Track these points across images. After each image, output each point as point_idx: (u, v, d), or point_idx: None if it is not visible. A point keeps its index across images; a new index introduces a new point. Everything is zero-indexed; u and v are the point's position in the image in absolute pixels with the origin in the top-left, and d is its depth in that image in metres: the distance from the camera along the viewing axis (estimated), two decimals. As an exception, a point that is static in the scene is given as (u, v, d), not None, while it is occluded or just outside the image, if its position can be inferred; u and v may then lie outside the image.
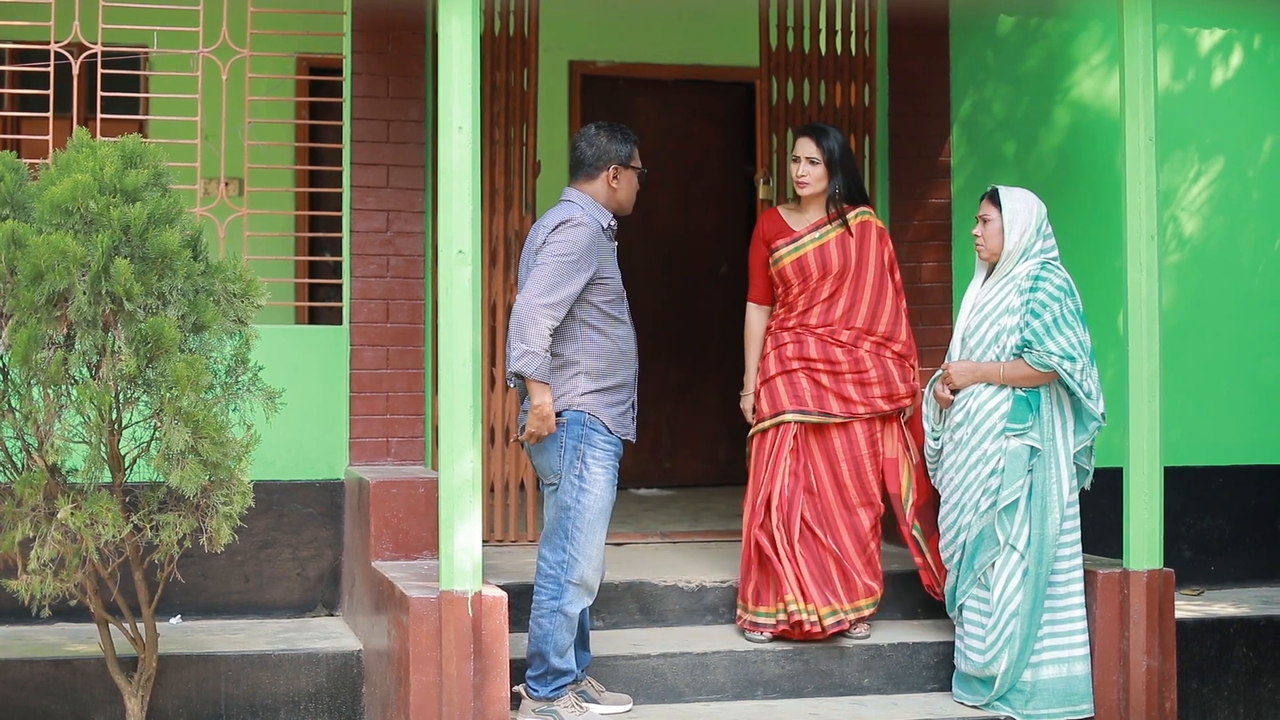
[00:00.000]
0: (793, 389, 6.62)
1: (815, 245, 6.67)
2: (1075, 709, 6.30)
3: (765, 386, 6.70)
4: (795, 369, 6.63)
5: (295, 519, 7.25)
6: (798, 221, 6.75)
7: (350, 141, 7.32)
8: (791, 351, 6.65)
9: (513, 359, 5.82)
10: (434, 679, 5.70)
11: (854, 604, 6.57)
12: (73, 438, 5.35)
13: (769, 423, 6.65)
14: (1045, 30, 8.47)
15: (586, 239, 5.91)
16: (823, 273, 6.65)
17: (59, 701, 6.30)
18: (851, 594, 6.58)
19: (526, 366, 5.79)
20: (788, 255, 6.69)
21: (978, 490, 6.29)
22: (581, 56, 9.56)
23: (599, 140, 6.13)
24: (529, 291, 5.84)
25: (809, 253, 6.66)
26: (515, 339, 5.82)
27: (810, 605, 6.47)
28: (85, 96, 7.14)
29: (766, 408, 6.67)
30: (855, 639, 6.60)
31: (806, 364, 6.62)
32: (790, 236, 6.71)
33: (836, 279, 6.66)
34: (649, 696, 6.32)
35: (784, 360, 6.66)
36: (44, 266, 5.17)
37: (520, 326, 5.81)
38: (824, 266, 6.65)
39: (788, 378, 6.64)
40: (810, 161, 6.66)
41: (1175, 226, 8.59)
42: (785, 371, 6.65)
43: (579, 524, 5.95)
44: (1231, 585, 8.46)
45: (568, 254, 5.86)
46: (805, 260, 6.66)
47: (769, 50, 8.11)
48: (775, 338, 6.74)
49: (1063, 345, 6.22)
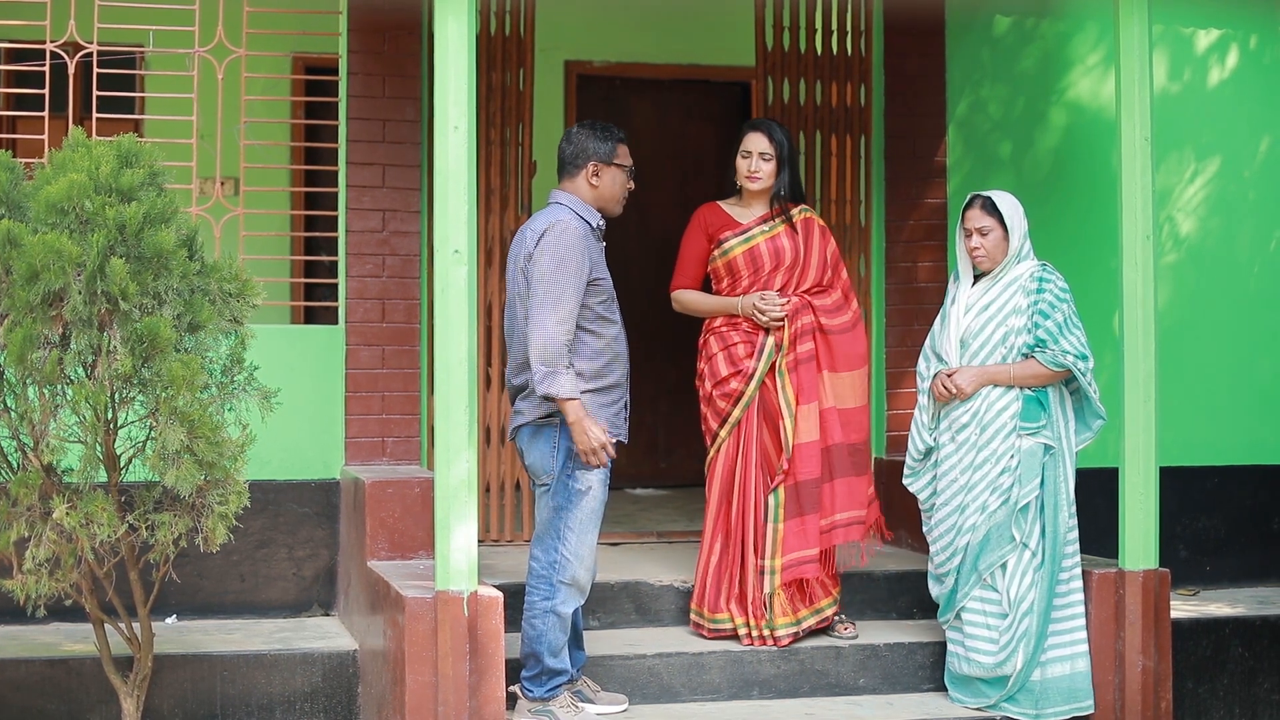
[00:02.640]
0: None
1: (766, 237, 6.62)
2: (1079, 705, 6.31)
3: (718, 388, 6.63)
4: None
5: (291, 519, 7.25)
6: (743, 215, 6.69)
7: (346, 141, 7.32)
8: (743, 352, 6.58)
9: (539, 383, 5.79)
10: (430, 679, 5.70)
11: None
12: (68, 437, 5.34)
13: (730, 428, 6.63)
14: (1041, 30, 8.47)
15: (576, 241, 5.89)
16: (775, 263, 6.59)
17: (54, 701, 6.30)
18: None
19: (555, 388, 5.78)
20: (738, 246, 6.62)
21: (986, 491, 6.29)
22: (577, 56, 9.55)
23: (578, 138, 6.12)
24: (539, 315, 5.81)
25: (760, 244, 6.61)
26: (537, 363, 5.79)
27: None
28: (81, 96, 7.14)
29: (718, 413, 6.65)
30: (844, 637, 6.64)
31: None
32: (738, 229, 6.65)
33: (788, 270, 6.61)
34: (644, 696, 6.33)
35: (735, 361, 6.59)
36: (39, 266, 5.16)
37: (541, 349, 5.79)
38: (777, 257, 6.59)
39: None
40: (763, 157, 6.60)
41: (1171, 227, 8.60)
42: (738, 372, 6.58)
43: (571, 524, 5.94)
44: (1227, 585, 8.47)
45: (562, 262, 5.85)
46: (757, 251, 6.60)
47: (765, 50, 8.12)
48: (722, 337, 6.64)
49: (1075, 345, 6.25)
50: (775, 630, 6.49)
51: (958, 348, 6.43)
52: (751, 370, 6.54)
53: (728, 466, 6.60)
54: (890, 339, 8.11)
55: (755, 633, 6.50)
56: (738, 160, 6.67)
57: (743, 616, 6.51)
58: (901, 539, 7.76)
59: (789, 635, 6.49)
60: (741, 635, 6.52)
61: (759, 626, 6.49)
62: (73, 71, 7.04)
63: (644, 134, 9.58)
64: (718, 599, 6.56)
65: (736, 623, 6.53)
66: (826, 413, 6.56)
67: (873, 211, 8.21)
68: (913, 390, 7.93)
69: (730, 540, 6.56)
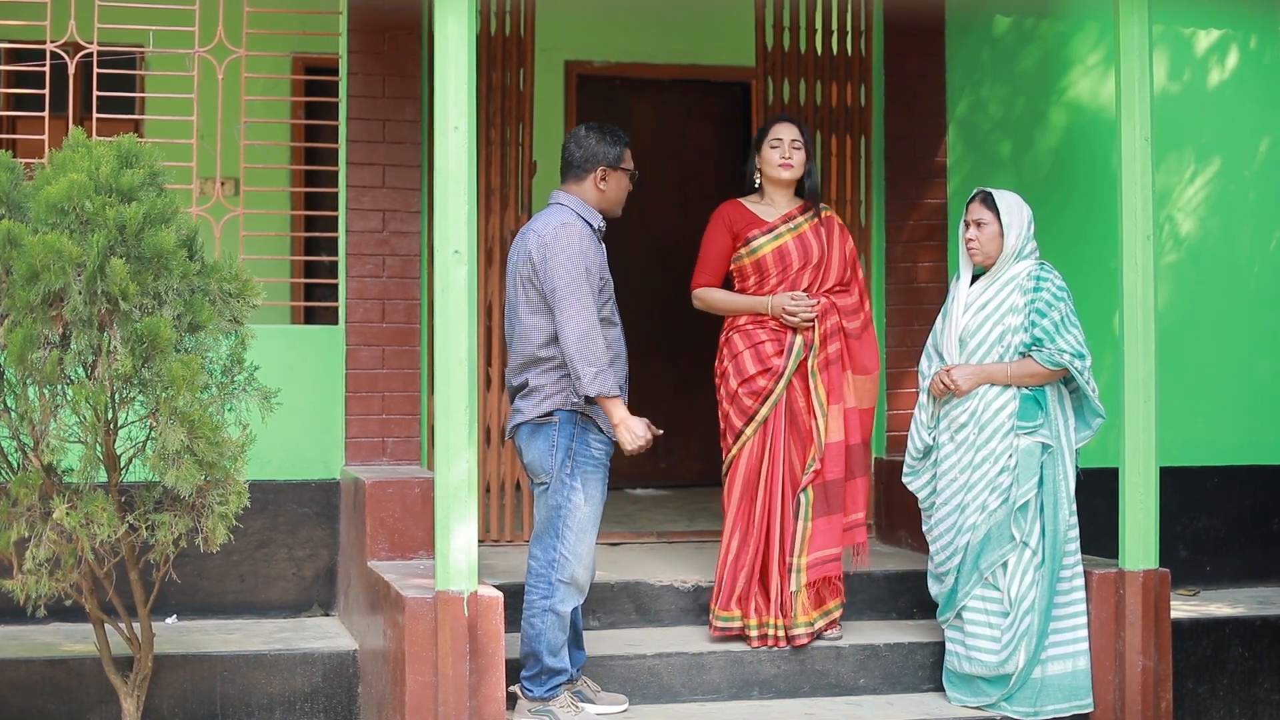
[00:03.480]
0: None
1: (794, 234, 6.60)
2: (1079, 704, 6.32)
3: (744, 385, 6.61)
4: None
5: (291, 519, 7.25)
6: (767, 213, 6.66)
7: (346, 141, 7.32)
8: (770, 350, 6.57)
9: (588, 383, 5.81)
10: (430, 679, 5.70)
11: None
12: (68, 437, 5.34)
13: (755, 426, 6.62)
14: (1041, 31, 8.47)
15: (587, 241, 5.93)
16: (804, 261, 6.58)
17: (54, 701, 6.30)
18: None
19: (604, 386, 5.82)
20: (767, 244, 6.59)
21: (985, 490, 6.29)
22: (577, 56, 9.55)
23: (587, 142, 6.13)
24: (571, 318, 5.83)
25: (789, 241, 6.59)
26: (583, 365, 5.80)
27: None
28: (81, 96, 7.14)
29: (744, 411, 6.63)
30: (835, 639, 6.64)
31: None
32: (765, 226, 6.62)
33: (815, 270, 6.60)
34: (644, 696, 6.33)
35: (763, 359, 6.57)
36: (39, 266, 5.16)
37: (583, 351, 5.81)
38: (805, 255, 6.58)
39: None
40: (794, 145, 6.59)
41: (1171, 227, 8.60)
42: (766, 370, 6.57)
43: (569, 523, 5.95)
44: (1227, 585, 8.47)
45: (578, 261, 5.87)
46: (786, 249, 6.58)
47: (765, 50, 8.12)
48: (748, 335, 6.61)
49: (1072, 344, 6.25)
50: (794, 629, 6.47)
51: (957, 346, 6.44)
52: (781, 369, 6.52)
53: (752, 465, 6.57)
54: (890, 339, 8.11)
55: (773, 632, 6.47)
56: (765, 152, 6.63)
57: (755, 616, 6.49)
58: (901, 539, 7.76)
59: (807, 634, 6.48)
60: (753, 635, 6.49)
61: (782, 625, 6.46)
62: (73, 72, 7.04)
63: (644, 134, 9.57)
64: (730, 598, 6.54)
65: (748, 622, 6.50)
66: (849, 413, 6.59)
67: (873, 211, 8.21)
68: (912, 390, 7.96)
69: (749, 539, 6.54)
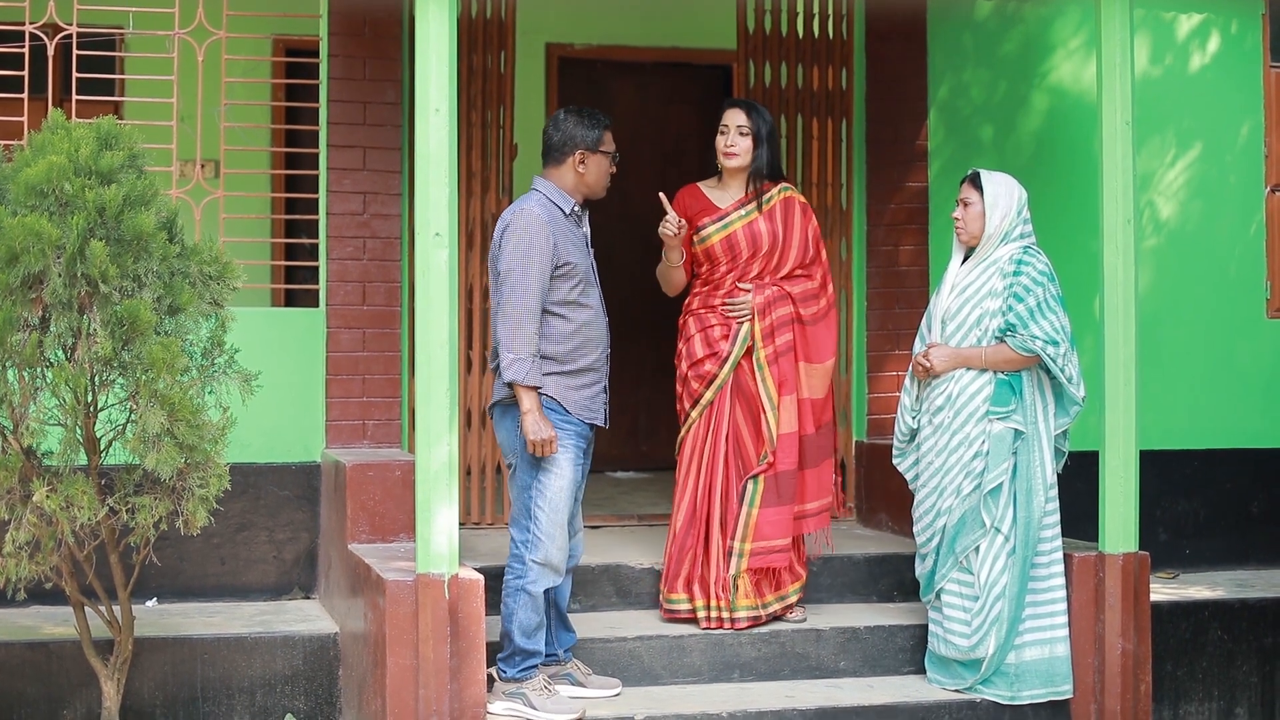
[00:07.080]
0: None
1: (744, 222, 6.59)
2: (1057, 689, 6.33)
3: (693, 369, 6.61)
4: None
5: (272, 502, 7.24)
6: (721, 199, 6.65)
7: (327, 124, 7.30)
8: (718, 334, 6.56)
9: (504, 368, 5.90)
10: (410, 661, 5.70)
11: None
12: (48, 420, 5.34)
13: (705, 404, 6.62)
14: (1023, 14, 8.48)
15: (538, 229, 5.93)
16: (753, 251, 6.57)
17: (34, 684, 6.29)
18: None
19: (514, 374, 5.86)
20: (717, 233, 6.59)
21: (959, 474, 6.30)
22: (559, 39, 9.53)
23: (565, 125, 6.13)
24: (506, 302, 5.91)
25: (738, 230, 6.58)
26: (503, 349, 5.90)
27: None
28: (61, 78, 7.13)
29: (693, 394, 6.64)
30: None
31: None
32: (717, 214, 6.62)
33: (765, 257, 6.59)
34: (626, 679, 6.33)
35: (711, 344, 6.57)
36: (19, 248, 5.15)
37: (507, 336, 5.89)
38: (754, 244, 6.57)
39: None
40: (740, 131, 6.57)
41: (1152, 211, 8.61)
42: (713, 354, 6.57)
43: (541, 504, 5.95)
44: (1206, 568, 8.50)
45: (522, 251, 5.91)
46: (735, 238, 6.57)
47: (746, 34, 8.12)
48: (700, 319, 6.63)
49: (1046, 330, 6.23)
50: (735, 612, 6.49)
51: (939, 327, 6.45)
52: (726, 354, 6.53)
53: (696, 447, 6.59)
54: (871, 323, 8.12)
55: (714, 614, 6.50)
56: (716, 138, 6.65)
57: (703, 598, 6.51)
58: (882, 522, 7.78)
59: (749, 619, 6.49)
60: (700, 618, 6.51)
61: (719, 607, 6.49)
62: (52, 53, 7.01)
63: (625, 117, 9.56)
64: (676, 580, 6.56)
65: (696, 604, 6.52)
66: (803, 403, 6.57)
67: (854, 195, 8.21)
68: (893, 374, 7.98)
69: (694, 520, 6.56)
